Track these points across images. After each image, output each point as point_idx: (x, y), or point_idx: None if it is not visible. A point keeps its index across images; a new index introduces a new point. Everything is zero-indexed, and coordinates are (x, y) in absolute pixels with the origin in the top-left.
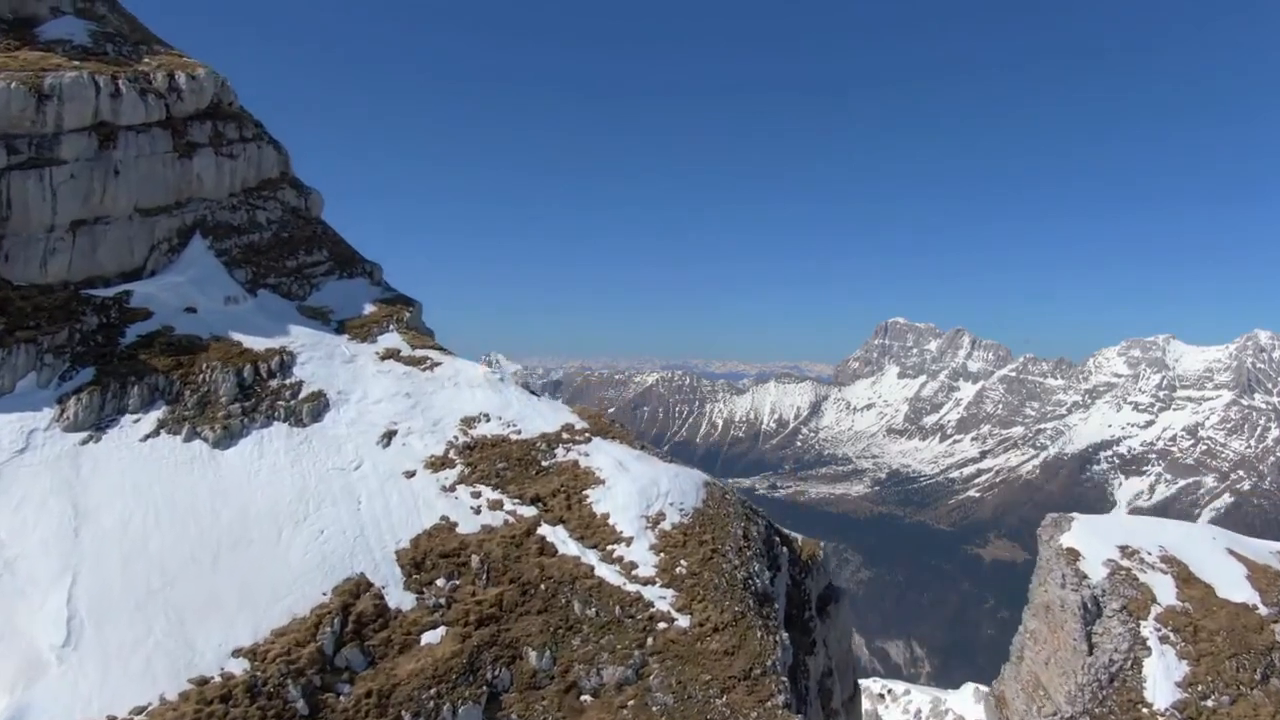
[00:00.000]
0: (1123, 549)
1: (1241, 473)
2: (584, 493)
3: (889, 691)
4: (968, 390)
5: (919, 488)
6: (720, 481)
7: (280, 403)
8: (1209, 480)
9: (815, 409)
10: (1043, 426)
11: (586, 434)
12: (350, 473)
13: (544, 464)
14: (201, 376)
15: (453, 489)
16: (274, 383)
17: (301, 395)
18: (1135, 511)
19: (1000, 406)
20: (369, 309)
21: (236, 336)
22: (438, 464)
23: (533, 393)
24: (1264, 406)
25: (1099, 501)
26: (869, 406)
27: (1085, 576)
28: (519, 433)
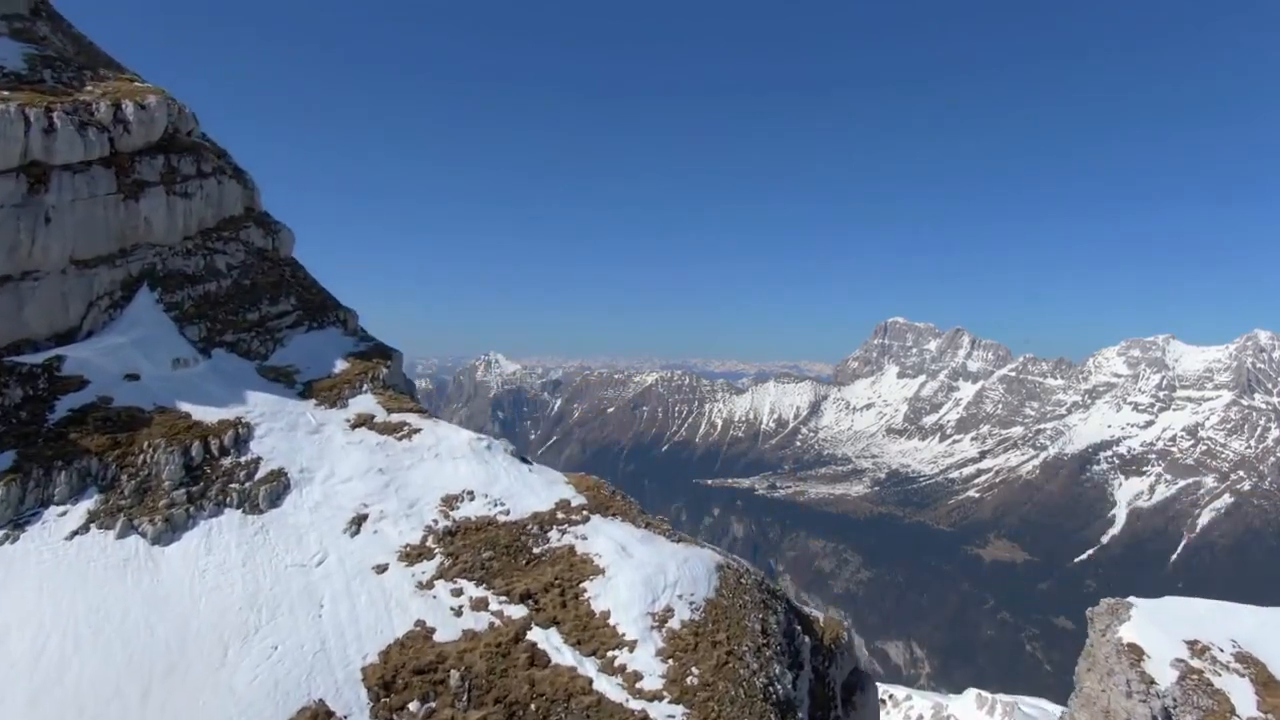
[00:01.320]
0: (1191, 645)
1: (1242, 473)
2: (581, 585)
3: (890, 696)
4: (967, 390)
5: (918, 488)
6: (733, 561)
7: (233, 485)
8: (1209, 480)
9: (815, 409)
10: (1042, 427)
11: (584, 511)
12: (312, 570)
13: (535, 551)
14: (142, 457)
15: (430, 585)
16: (227, 461)
17: (258, 475)
18: (1135, 512)
19: (1000, 406)
20: (340, 366)
21: (185, 407)
22: (414, 555)
23: (524, 459)
24: (1264, 407)
25: (1099, 502)
26: (868, 406)
27: (1153, 682)
28: (507, 513)
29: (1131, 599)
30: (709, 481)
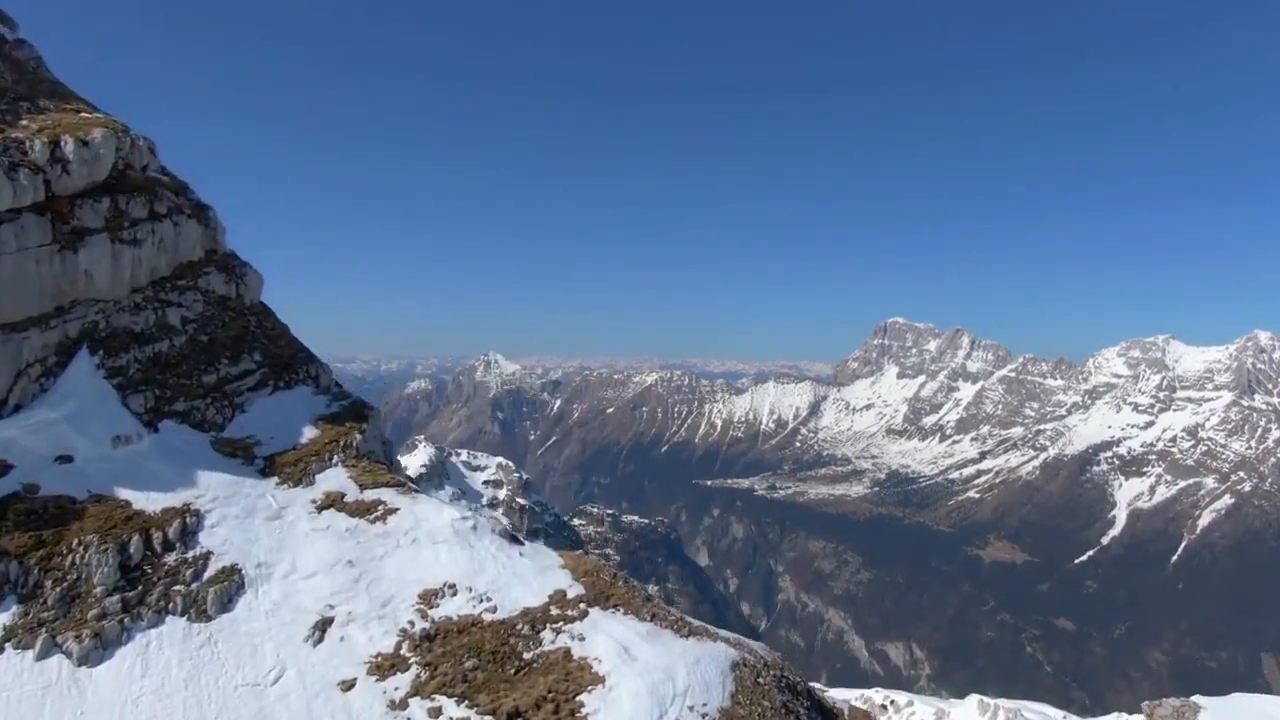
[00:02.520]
0: None
1: (1242, 474)
2: (578, 699)
3: (891, 703)
4: (967, 391)
5: (918, 489)
6: (747, 655)
7: (177, 588)
8: (1209, 481)
9: (814, 409)
10: (1042, 427)
11: (581, 604)
12: (267, 689)
13: (526, 656)
14: (70, 558)
15: (404, 705)
16: (171, 558)
17: (207, 574)
18: (1135, 513)
19: (1000, 407)
20: (308, 433)
21: (125, 494)
22: (386, 666)
23: (514, 539)
24: (1264, 407)
25: (1099, 503)
26: (868, 407)
27: None
28: (494, 610)
29: (1198, 699)
30: (709, 482)
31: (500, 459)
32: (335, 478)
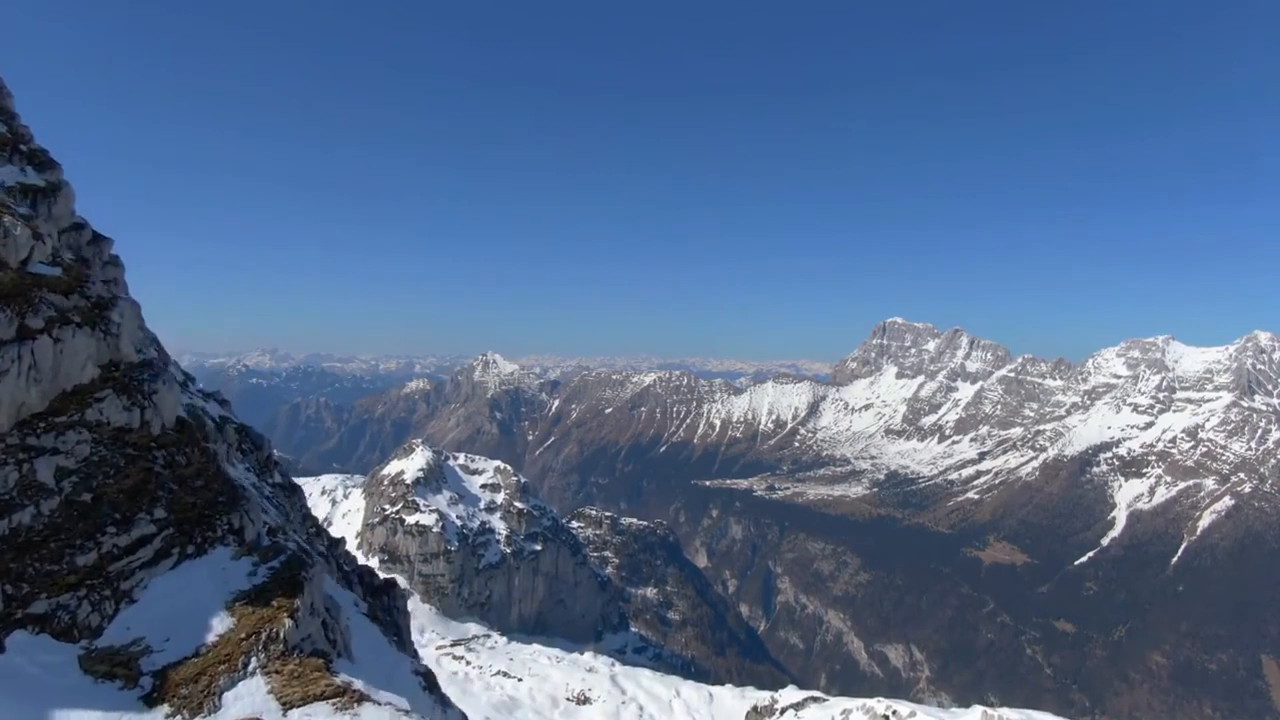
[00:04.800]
0: None
1: (1242, 475)
2: None
3: (894, 713)
4: (966, 391)
5: (917, 489)
6: None
7: None
8: (1209, 483)
9: (813, 409)
10: (1042, 428)
11: None
12: None
13: None
14: None
15: None
16: None
17: None
18: (1135, 514)
19: (999, 407)
20: (220, 625)
21: None
22: None
23: None
24: (1264, 408)
25: (1098, 504)
26: (867, 407)
27: None
28: None
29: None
30: (707, 482)
31: (498, 462)
32: (251, 696)
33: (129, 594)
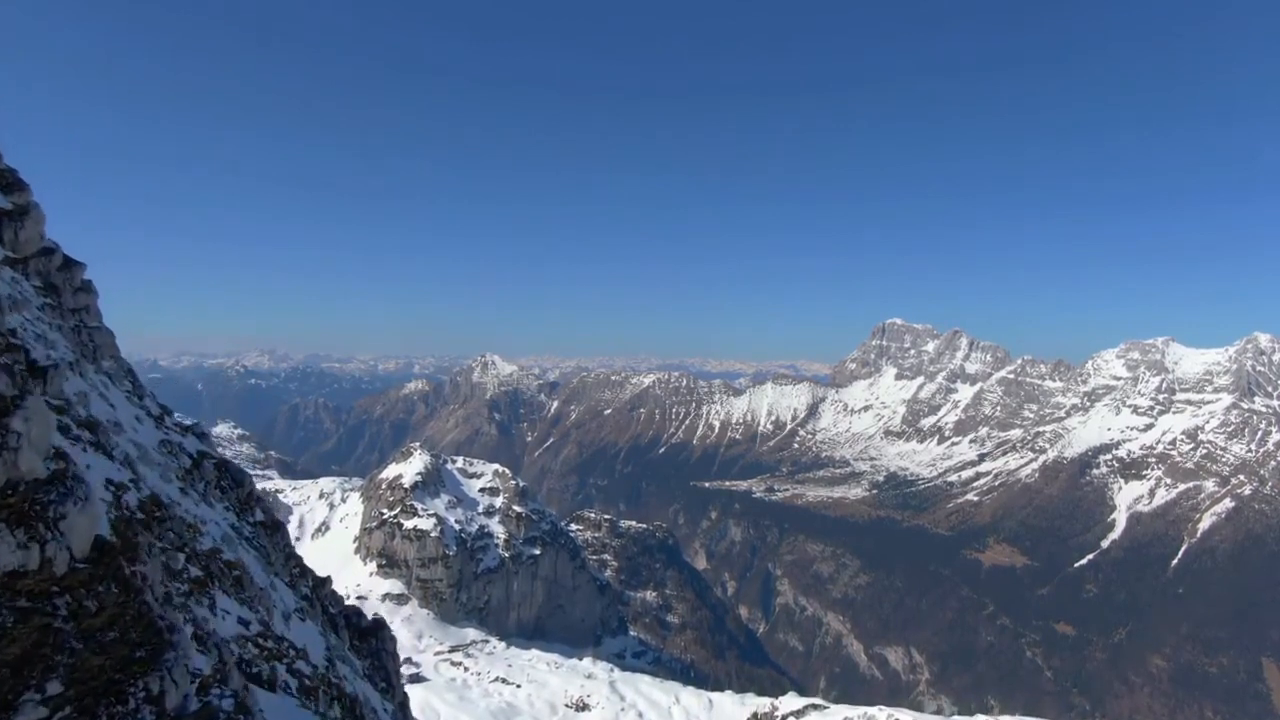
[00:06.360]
0: None
1: (1242, 477)
2: None
3: None
4: (965, 392)
5: (917, 491)
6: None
7: None
8: (1209, 485)
9: (813, 410)
10: (1041, 429)
11: None
12: None
13: None
14: None
15: None
16: None
17: None
18: (1135, 516)
19: (998, 409)
20: None
21: None
22: None
23: None
24: (1264, 410)
25: (1098, 506)
26: (866, 408)
27: None
28: None
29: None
30: (706, 484)
31: (497, 465)
32: None
33: None
